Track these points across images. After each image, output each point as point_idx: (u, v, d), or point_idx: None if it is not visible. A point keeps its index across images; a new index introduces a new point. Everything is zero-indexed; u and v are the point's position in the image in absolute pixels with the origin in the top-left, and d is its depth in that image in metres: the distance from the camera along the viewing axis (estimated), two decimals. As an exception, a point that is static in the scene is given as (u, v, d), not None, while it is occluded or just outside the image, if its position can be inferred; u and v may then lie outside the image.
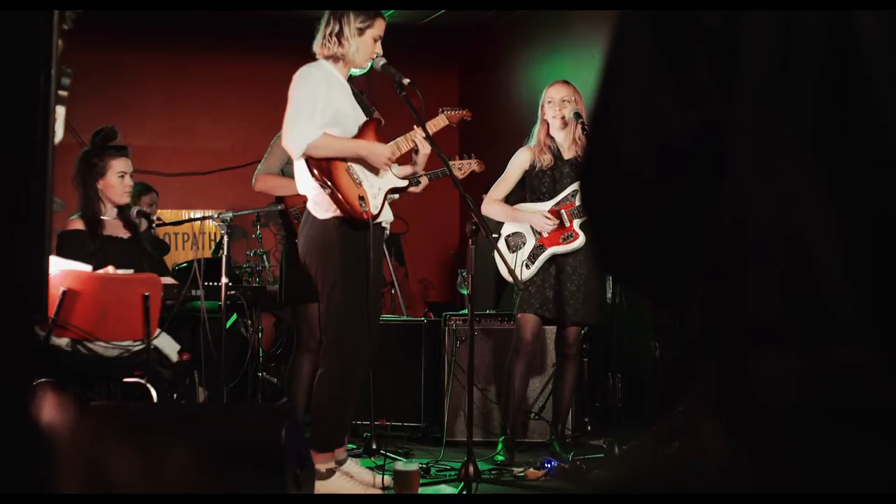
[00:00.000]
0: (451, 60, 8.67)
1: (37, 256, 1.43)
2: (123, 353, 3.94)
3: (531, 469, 4.38)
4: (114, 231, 4.33)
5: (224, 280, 4.34)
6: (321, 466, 3.75)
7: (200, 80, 7.98)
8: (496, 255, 4.24)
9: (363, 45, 3.86)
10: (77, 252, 4.08)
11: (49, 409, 2.60)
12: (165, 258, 5.28)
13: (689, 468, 0.84)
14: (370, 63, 3.93)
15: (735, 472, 0.80)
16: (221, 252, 4.47)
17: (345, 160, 3.82)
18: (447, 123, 4.31)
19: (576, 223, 4.65)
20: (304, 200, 3.89)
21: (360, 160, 3.85)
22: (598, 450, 4.74)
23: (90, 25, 3.73)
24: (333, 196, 3.74)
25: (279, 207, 4.77)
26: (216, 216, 4.49)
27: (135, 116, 7.45)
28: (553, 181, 4.73)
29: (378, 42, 3.90)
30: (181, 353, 4.20)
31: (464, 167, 4.93)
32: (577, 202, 4.66)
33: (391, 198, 4.02)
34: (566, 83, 4.75)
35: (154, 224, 4.83)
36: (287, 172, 4.50)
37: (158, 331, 4.02)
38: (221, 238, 4.49)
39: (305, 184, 3.84)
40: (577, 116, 4.62)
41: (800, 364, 0.80)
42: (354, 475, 3.93)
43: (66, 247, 4.15)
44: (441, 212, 8.26)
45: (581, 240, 4.62)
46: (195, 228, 7.62)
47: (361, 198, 3.79)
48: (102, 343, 3.89)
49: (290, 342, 5.46)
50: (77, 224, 4.26)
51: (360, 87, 4.07)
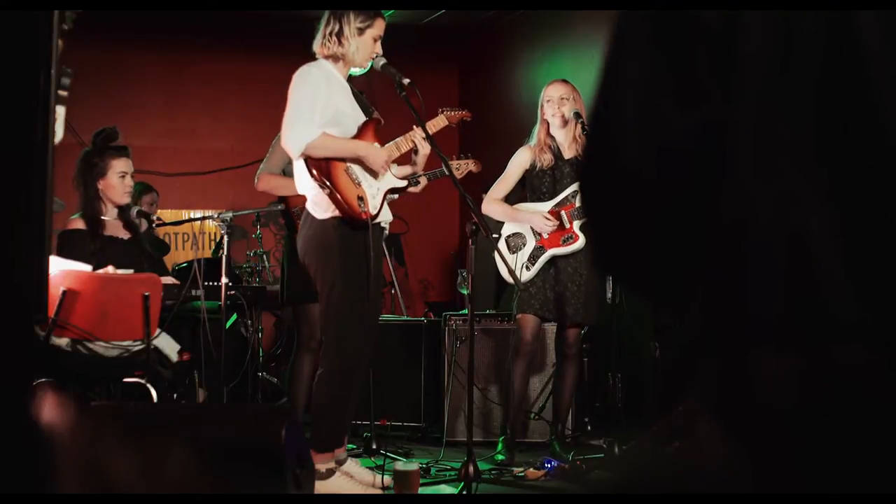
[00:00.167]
0: (451, 60, 8.67)
1: (37, 256, 1.43)
2: (123, 353, 3.94)
3: (531, 469, 4.38)
4: (114, 231, 4.33)
5: (224, 280, 4.34)
6: (321, 466, 3.75)
7: (200, 80, 7.98)
8: (496, 256, 4.24)
9: (363, 45, 3.86)
10: (77, 252, 4.08)
11: (49, 409, 2.60)
12: (165, 258, 5.28)
13: (689, 468, 0.84)
14: (370, 63, 3.93)
15: (735, 472, 0.80)
16: (221, 252, 4.47)
17: (344, 160, 3.82)
18: (447, 124, 4.31)
19: (576, 225, 4.65)
20: (306, 200, 3.90)
21: (359, 161, 3.85)
22: (598, 450, 4.73)
23: (90, 25, 3.72)
24: (332, 196, 3.73)
25: (280, 207, 4.77)
26: (216, 216, 4.49)
27: (135, 116, 7.44)
28: (553, 181, 4.73)
29: (378, 42, 3.90)
30: (181, 353, 4.20)
31: (461, 167, 4.92)
32: (578, 203, 4.66)
33: (390, 198, 4.02)
34: (564, 82, 4.75)
35: (154, 224, 4.84)
36: (289, 172, 4.49)
37: (158, 331, 4.02)
38: (221, 238, 4.50)
39: (304, 184, 3.83)
40: (577, 116, 4.62)
41: (800, 364, 0.80)
42: (354, 475, 3.93)
43: (67, 247, 4.14)
44: (441, 212, 8.26)
45: (581, 241, 4.61)
46: (195, 228, 7.62)
47: (360, 198, 3.79)
48: (102, 343, 3.89)
49: (290, 342, 5.46)
50: (77, 224, 4.26)
51: (360, 87, 4.07)
